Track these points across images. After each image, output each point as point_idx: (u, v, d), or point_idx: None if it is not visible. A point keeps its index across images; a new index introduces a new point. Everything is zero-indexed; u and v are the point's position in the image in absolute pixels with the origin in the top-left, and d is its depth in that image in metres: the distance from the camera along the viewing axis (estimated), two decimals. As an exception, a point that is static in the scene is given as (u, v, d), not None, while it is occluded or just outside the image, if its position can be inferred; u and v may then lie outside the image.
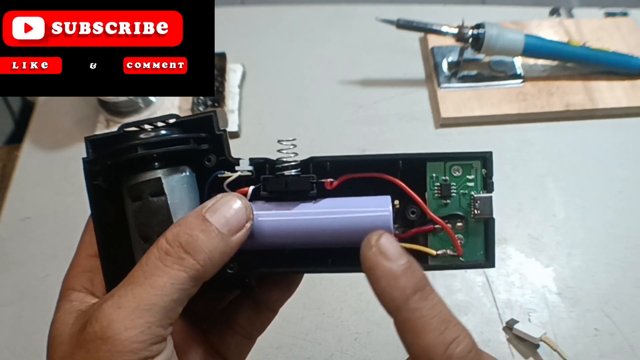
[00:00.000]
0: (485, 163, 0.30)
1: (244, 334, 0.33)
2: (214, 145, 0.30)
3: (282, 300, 0.33)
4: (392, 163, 0.30)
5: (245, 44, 0.71)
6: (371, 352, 0.50)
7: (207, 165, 0.30)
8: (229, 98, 0.65)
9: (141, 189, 0.28)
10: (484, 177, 0.30)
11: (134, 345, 0.24)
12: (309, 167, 0.30)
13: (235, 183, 0.30)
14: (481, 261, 0.30)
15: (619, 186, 0.59)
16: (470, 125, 0.63)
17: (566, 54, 0.64)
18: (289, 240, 0.29)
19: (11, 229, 0.59)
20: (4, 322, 0.53)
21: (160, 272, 0.25)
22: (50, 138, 0.65)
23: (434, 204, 0.30)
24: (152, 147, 0.28)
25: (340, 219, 0.28)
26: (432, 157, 0.30)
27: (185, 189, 0.29)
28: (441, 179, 0.30)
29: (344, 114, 0.65)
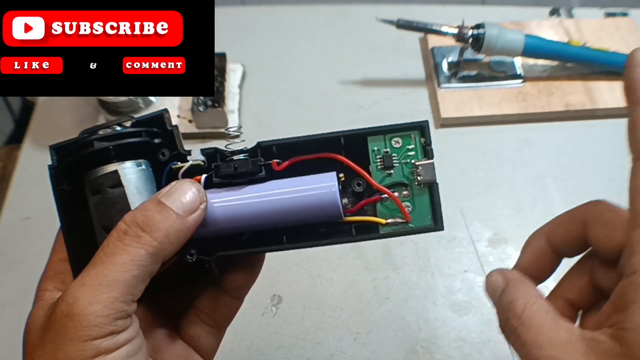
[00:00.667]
0: (423, 132, 0.31)
1: (212, 323, 0.34)
2: (167, 141, 0.32)
3: (245, 286, 0.34)
4: (335, 141, 0.31)
5: (245, 44, 0.71)
6: (371, 352, 0.50)
7: (161, 159, 0.32)
8: (229, 98, 0.65)
9: (100, 181, 0.30)
10: (423, 145, 0.31)
11: (99, 319, 0.26)
12: (257, 152, 0.31)
13: (188, 173, 0.31)
14: (430, 225, 0.31)
15: (619, 186, 0.59)
16: (470, 126, 0.63)
17: (566, 54, 0.64)
18: (243, 222, 0.30)
19: (11, 229, 0.59)
20: (4, 322, 0.53)
21: (119, 250, 0.27)
22: (50, 138, 0.64)
23: (379, 176, 0.31)
24: (107, 141, 0.30)
25: (290, 198, 0.30)
26: (372, 131, 0.32)
27: (142, 181, 0.31)
28: (382, 151, 0.31)
29: (344, 114, 0.65)
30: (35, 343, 0.28)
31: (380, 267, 0.54)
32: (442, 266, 0.54)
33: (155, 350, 0.33)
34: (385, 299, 0.52)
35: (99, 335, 0.26)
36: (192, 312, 0.34)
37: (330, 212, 0.30)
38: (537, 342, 0.26)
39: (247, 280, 0.34)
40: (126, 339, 0.27)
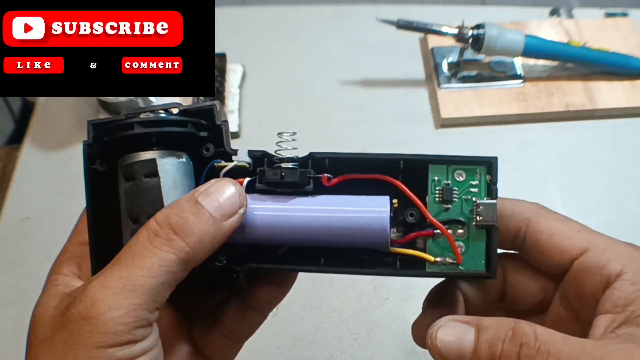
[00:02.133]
0: (490, 169, 0.29)
1: (230, 336, 0.32)
2: (214, 135, 0.30)
3: (272, 303, 0.32)
4: (392, 163, 0.29)
5: (245, 44, 0.71)
6: (371, 352, 0.50)
7: (204, 154, 0.30)
8: (229, 98, 0.65)
9: (135, 168, 0.28)
10: (488, 183, 0.29)
11: (118, 327, 0.24)
12: (307, 163, 0.29)
13: (231, 174, 0.29)
14: (482, 271, 0.29)
15: (619, 186, 0.59)
16: (470, 126, 0.63)
17: (566, 54, 0.64)
18: (282, 235, 0.28)
19: (11, 229, 0.59)
20: (4, 322, 0.53)
21: (148, 253, 0.25)
22: (50, 138, 0.65)
23: (435, 208, 0.29)
24: (149, 126, 0.28)
25: (336, 217, 0.28)
26: (435, 160, 0.29)
27: (180, 174, 0.29)
28: (443, 182, 0.29)
29: (344, 114, 0.65)
30: (43, 338, 0.26)
31: (380, 267, 0.54)
32: (442, 266, 0.54)
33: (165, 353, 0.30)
34: (385, 299, 0.52)
35: (115, 344, 0.24)
36: (210, 322, 0.32)
37: (377, 239, 0.28)
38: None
39: (275, 297, 0.32)
40: (143, 349, 0.25)
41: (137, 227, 0.27)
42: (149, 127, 0.28)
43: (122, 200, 0.29)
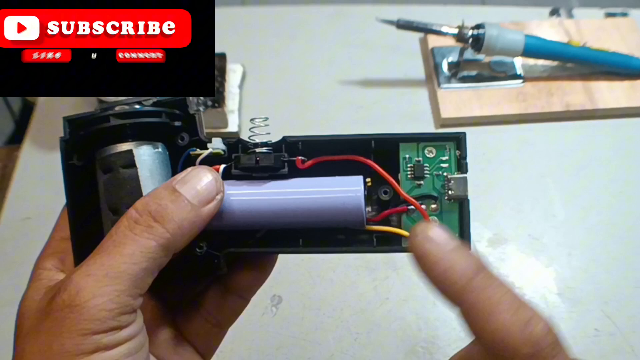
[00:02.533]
0: (459, 144, 0.30)
1: (214, 322, 0.32)
2: (188, 125, 0.30)
3: (253, 287, 0.32)
4: (364, 143, 0.30)
5: (245, 44, 0.71)
6: (371, 352, 0.50)
7: (180, 143, 0.30)
8: (229, 98, 0.65)
9: (112, 160, 0.29)
10: (457, 157, 0.30)
11: (102, 313, 0.24)
12: (281, 147, 0.30)
13: (207, 162, 0.30)
14: None
15: (619, 186, 0.59)
16: (470, 126, 0.63)
17: (566, 54, 0.64)
18: (259, 219, 0.29)
19: (11, 229, 0.59)
20: (4, 322, 0.53)
21: (129, 240, 0.25)
22: (50, 138, 0.65)
23: (408, 185, 0.30)
24: (124, 118, 0.28)
25: (311, 199, 0.28)
26: (405, 138, 0.30)
27: (156, 164, 0.29)
28: (414, 159, 0.30)
29: (344, 114, 0.65)
30: (29, 330, 0.26)
31: (381, 268, 0.54)
32: (442, 266, 0.54)
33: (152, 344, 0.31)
34: (385, 299, 0.52)
35: (100, 330, 0.24)
36: (194, 309, 0.32)
37: (353, 217, 0.28)
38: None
39: (256, 281, 0.32)
40: (128, 335, 0.25)
41: (117, 217, 0.28)
42: (124, 119, 0.28)
43: (101, 192, 0.29)
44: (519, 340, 0.22)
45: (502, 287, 0.24)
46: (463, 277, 0.24)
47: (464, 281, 0.24)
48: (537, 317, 0.23)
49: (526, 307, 0.23)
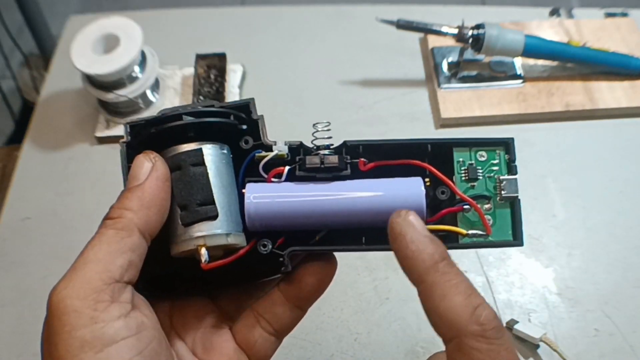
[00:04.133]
0: (507, 148, 0.32)
1: (271, 331, 0.33)
2: (251, 129, 0.32)
3: (313, 297, 0.33)
4: (421, 147, 0.32)
5: (245, 44, 0.71)
6: (371, 352, 0.50)
7: (243, 146, 0.32)
8: (229, 98, 0.65)
9: (182, 158, 0.29)
10: (507, 161, 0.32)
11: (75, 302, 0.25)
12: (342, 150, 0.31)
13: (270, 164, 0.31)
14: (510, 240, 0.31)
15: (619, 186, 0.59)
16: (470, 126, 0.63)
17: (566, 54, 0.64)
18: (325, 218, 0.30)
19: (11, 229, 0.59)
20: (4, 322, 0.53)
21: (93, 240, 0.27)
22: (50, 138, 0.65)
23: (462, 187, 0.32)
24: (197, 116, 0.29)
25: (375, 198, 0.29)
26: (459, 143, 0.32)
27: (223, 164, 0.30)
28: (468, 163, 0.32)
29: (344, 114, 0.65)
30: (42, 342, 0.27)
31: (381, 268, 0.54)
32: (442, 266, 0.54)
33: (206, 349, 0.32)
34: (385, 299, 0.52)
35: (79, 324, 0.25)
36: (252, 316, 0.33)
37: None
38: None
39: (316, 290, 0.33)
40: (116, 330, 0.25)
41: (186, 214, 0.29)
42: (197, 117, 0.29)
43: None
44: (467, 320, 0.25)
45: (460, 276, 0.26)
46: (429, 260, 0.26)
47: (429, 263, 0.26)
48: (485, 304, 0.26)
49: (477, 296, 0.26)
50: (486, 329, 0.25)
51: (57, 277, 0.31)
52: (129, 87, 0.60)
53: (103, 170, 0.61)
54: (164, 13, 0.76)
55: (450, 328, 0.25)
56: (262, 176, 0.31)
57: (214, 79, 0.65)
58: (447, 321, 0.25)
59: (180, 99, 0.65)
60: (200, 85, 0.64)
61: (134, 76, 0.61)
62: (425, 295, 0.26)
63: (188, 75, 0.66)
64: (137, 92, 0.61)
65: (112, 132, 0.63)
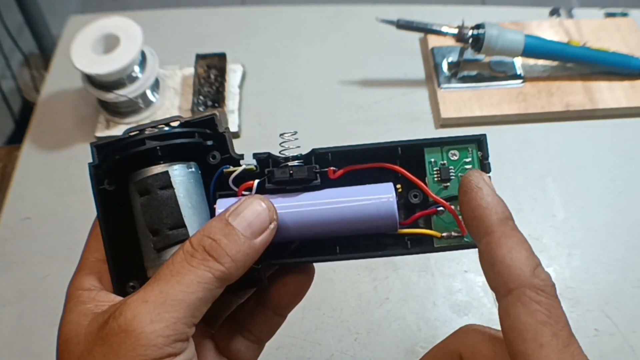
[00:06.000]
0: (480, 145, 0.31)
1: (253, 339, 0.33)
2: (218, 143, 0.31)
3: (292, 304, 0.33)
4: (391, 150, 0.31)
5: (245, 44, 0.71)
6: (371, 352, 0.50)
7: (211, 162, 0.31)
8: (229, 98, 0.65)
9: (149, 182, 0.29)
10: (480, 158, 0.31)
11: (159, 339, 0.24)
12: (311, 159, 0.31)
13: (239, 178, 0.30)
14: None
15: (619, 186, 0.59)
16: (470, 126, 0.63)
17: (566, 54, 0.64)
18: (296, 230, 0.29)
19: (11, 229, 0.59)
20: (4, 322, 0.53)
21: (186, 270, 0.26)
22: (50, 138, 0.65)
23: (435, 188, 0.31)
24: (159, 140, 0.29)
25: (346, 207, 0.29)
26: (429, 143, 0.31)
27: (192, 183, 0.30)
28: (439, 163, 0.31)
29: (344, 114, 0.65)
30: (80, 354, 0.26)
31: (381, 268, 0.54)
32: (442, 266, 0.54)
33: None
34: (385, 299, 0.52)
35: (156, 357, 0.24)
36: (232, 326, 0.33)
37: (387, 223, 0.29)
38: None
39: (294, 298, 0.33)
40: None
41: (158, 239, 0.28)
42: (160, 141, 0.29)
43: (138, 214, 0.29)
44: (531, 273, 0.25)
45: (523, 237, 0.27)
46: (502, 214, 0.27)
47: (502, 216, 0.27)
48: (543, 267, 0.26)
49: (537, 258, 0.26)
50: (547, 284, 0.25)
51: (57, 277, 0.31)
52: (129, 87, 0.60)
53: (103, 170, 0.61)
54: (164, 13, 0.76)
55: (513, 279, 0.25)
56: (232, 189, 0.31)
57: (214, 79, 0.65)
58: (511, 272, 0.25)
59: (180, 99, 0.65)
60: (200, 85, 0.64)
61: (134, 76, 0.61)
62: (493, 246, 0.26)
63: (188, 75, 0.66)
64: (137, 92, 0.61)
65: (112, 132, 0.63)
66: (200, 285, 0.26)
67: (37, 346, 0.51)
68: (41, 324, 0.53)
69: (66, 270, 0.55)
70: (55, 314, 0.53)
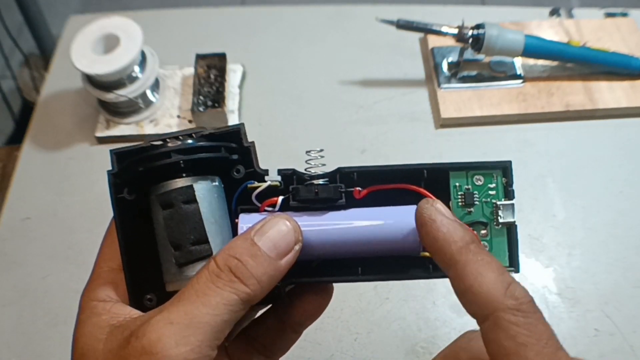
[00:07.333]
0: (505, 172, 0.31)
1: (267, 354, 0.33)
2: (242, 156, 0.31)
3: (308, 322, 0.33)
4: (416, 172, 0.30)
5: (245, 44, 0.71)
6: (371, 352, 0.50)
7: (235, 176, 0.30)
8: (229, 98, 0.65)
9: (173, 196, 0.28)
10: (504, 185, 0.31)
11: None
12: (336, 177, 0.30)
13: (263, 194, 0.30)
14: (506, 266, 0.30)
15: (619, 186, 0.59)
16: (470, 126, 0.63)
17: (566, 54, 0.64)
18: (320, 250, 0.29)
19: (11, 229, 0.59)
20: (4, 322, 0.53)
21: (212, 292, 0.25)
22: (50, 138, 0.65)
23: (458, 213, 0.31)
24: (186, 154, 0.28)
25: (370, 229, 0.29)
26: (455, 167, 0.31)
27: (215, 198, 0.29)
28: (464, 187, 0.31)
29: (344, 114, 0.65)
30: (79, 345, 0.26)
31: (380, 267, 0.54)
32: (442, 266, 0.54)
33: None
34: (385, 299, 0.52)
35: None
36: (245, 340, 0.33)
37: (410, 246, 0.29)
38: None
39: (312, 316, 0.32)
40: None
41: (180, 254, 0.28)
42: (186, 154, 0.28)
43: (159, 227, 0.29)
44: (503, 295, 0.25)
45: (490, 256, 0.26)
46: (461, 241, 0.26)
47: (461, 244, 0.26)
48: (517, 282, 0.26)
49: (508, 274, 0.26)
50: (522, 302, 0.25)
51: (57, 277, 0.31)
52: (129, 87, 0.60)
53: (103, 170, 0.61)
54: (164, 13, 0.76)
55: (486, 305, 0.25)
56: (255, 204, 0.30)
57: (214, 79, 0.65)
58: (482, 298, 0.25)
59: (180, 99, 0.65)
60: (200, 85, 0.64)
61: (134, 76, 0.61)
62: (459, 276, 0.26)
63: (188, 75, 0.66)
64: (137, 92, 0.61)
65: (112, 132, 0.63)
66: (225, 307, 0.25)
67: (37, 346, 0.51)
68: (41, 324, 0.53)
69: (66, 270, 0.55)
70: (55, 314, 0.53)
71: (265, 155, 0.32)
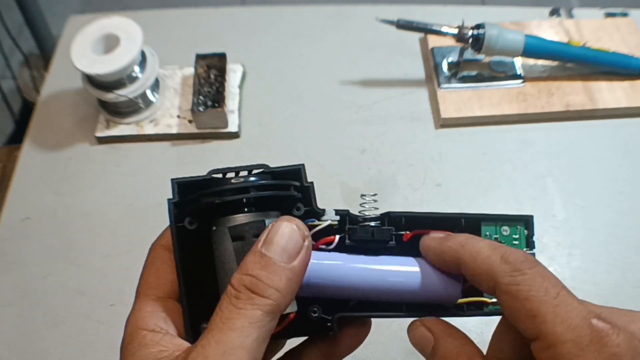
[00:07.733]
0: (527, 225, 0.34)
1: None
2: (302, 195, 0.32)
3: (347, 353, 0.33)
4: (455, 220, 0.34)
5: (245, 44, 0.71)
6: (371, 352, 0.50)
7: (295, 213, 0.32)
8: (229, 98, 0.65)
9: (246, 229, 0.29)
10: (526, 236, 0.34)
11: None
12: (384, 220, 0.32)
13: (321, 232, 0.32)
14: None
15: (619, 186, 0.59)
16: (470, 126, 0.63)
17: (566, 54, 0.64)
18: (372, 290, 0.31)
19: (11, 229, 0.59)
20: (4, 322, 0.53)
21: (235, 314, 0.26)
22: (50, 138, 0.65)
23: None
24: (260, 190, 0.30)
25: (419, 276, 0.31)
26: (487, 218, 0.34)
27: None
28: (493, 236, 0.34)
29: (344, 114, 0.65)
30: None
31: (380, 267, 0.54)
32: (442, 266, 0.54)
33: None
34: (385, 299, 0.52)
35: None
36: None
37: (450, 300, 0.32)
38: None
39: (352, 349, 0.33)
40: None
41: None
42: (260, 191, 0.30)
43: (224, 257, 0.30)
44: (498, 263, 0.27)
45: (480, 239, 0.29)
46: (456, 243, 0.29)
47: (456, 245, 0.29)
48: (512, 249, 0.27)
49: (501, 246, 0.28)
50: (516, 262, 0.26)
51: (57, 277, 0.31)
52: (129, 87, 0.60)
53: (103, 170, 0.61)
54: (164, 13, 0.76)
55: (487, 279, 0.27)
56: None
57: (214, 79, 0.65)
58: (483, 274, 0.27)
59: (180, 99, 0.65)
60: (200, 85, 0.64)
61: (134, 76, 0.61)
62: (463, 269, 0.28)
63: (188, 75, 0.66)
64: (137, 92, 0.61)
65: (112, 132, 0.63)
66: (253, 326, 0.25)
67: (37, 346, 0.51)
68: (41, 324, 0.53)
69: (66, 270, 0.55)
70: (55, 314, 0.53)
71: (265, 155, 0.32)
